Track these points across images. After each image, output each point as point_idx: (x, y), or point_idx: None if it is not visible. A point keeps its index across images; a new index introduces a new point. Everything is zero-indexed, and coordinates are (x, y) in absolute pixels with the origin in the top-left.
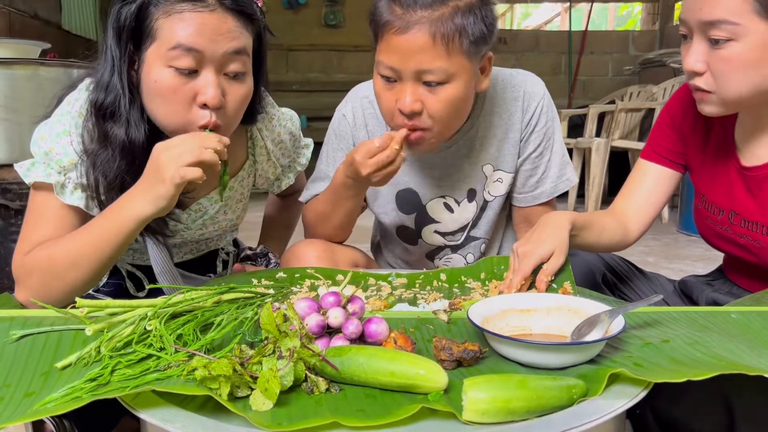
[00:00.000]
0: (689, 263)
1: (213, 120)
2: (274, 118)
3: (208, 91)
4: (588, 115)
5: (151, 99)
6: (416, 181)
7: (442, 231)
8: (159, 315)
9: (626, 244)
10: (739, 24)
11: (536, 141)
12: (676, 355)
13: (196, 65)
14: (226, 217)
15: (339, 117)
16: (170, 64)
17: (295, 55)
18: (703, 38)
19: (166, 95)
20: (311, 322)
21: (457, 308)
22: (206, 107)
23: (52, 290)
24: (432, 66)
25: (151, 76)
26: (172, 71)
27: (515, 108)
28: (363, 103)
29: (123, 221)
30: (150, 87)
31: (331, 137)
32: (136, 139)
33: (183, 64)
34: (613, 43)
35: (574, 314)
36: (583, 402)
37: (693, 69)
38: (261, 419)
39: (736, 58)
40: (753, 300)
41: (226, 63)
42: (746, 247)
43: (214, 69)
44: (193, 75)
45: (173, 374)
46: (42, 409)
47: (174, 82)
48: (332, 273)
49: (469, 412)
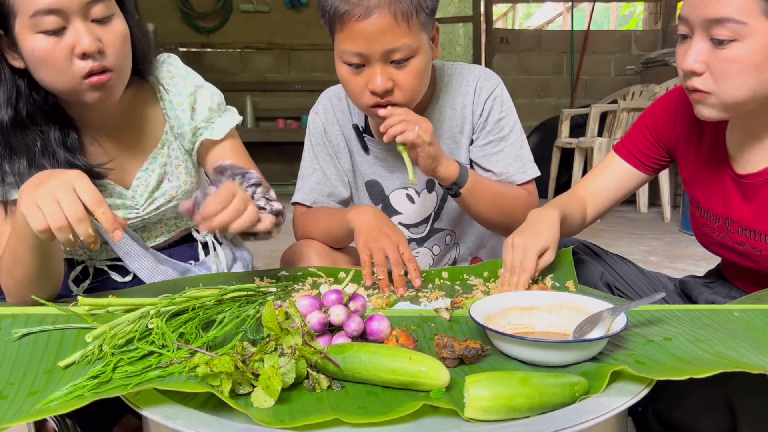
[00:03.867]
0: (692, 263)
1: (96, 64)
2: (176, 76)
3: (83, 40)
4: (590, 115)
5: (37, 69)
6: (378, 173)
7: (406, 223)
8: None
9: (582, 228)
10: (746, 23)
11: (487, 135)
12: (679, 352)
13: (62, 22)
14: (171, 184)
15: (312, 116)
16: (38, 30)
17: (297, 54)
18: (705, 37)
19: (46, 59)
20: (313, 319)
21: (459, 306)
22: (86, 56)
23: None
24: (398, 44)
25: (27, 47)
26: (42, 36)
27: (467, 101)
28: (332, 101)
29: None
30: (30, 58)
31: (308, 135)
32: (1, 122)
33: (49, 25)
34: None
35: (576, 312)
36: (585, 399)
37: (691, 69)
38: (263, 416)
39: (739, 60)
40: (755, 298)
41: (88, 10)
42: (745, 254)
43: (80, 19)
44: (62, 32)
45: (175, 371)
46: (45, 409)
47: (47, 44)
48: (334, 271)
49: (471, 409)
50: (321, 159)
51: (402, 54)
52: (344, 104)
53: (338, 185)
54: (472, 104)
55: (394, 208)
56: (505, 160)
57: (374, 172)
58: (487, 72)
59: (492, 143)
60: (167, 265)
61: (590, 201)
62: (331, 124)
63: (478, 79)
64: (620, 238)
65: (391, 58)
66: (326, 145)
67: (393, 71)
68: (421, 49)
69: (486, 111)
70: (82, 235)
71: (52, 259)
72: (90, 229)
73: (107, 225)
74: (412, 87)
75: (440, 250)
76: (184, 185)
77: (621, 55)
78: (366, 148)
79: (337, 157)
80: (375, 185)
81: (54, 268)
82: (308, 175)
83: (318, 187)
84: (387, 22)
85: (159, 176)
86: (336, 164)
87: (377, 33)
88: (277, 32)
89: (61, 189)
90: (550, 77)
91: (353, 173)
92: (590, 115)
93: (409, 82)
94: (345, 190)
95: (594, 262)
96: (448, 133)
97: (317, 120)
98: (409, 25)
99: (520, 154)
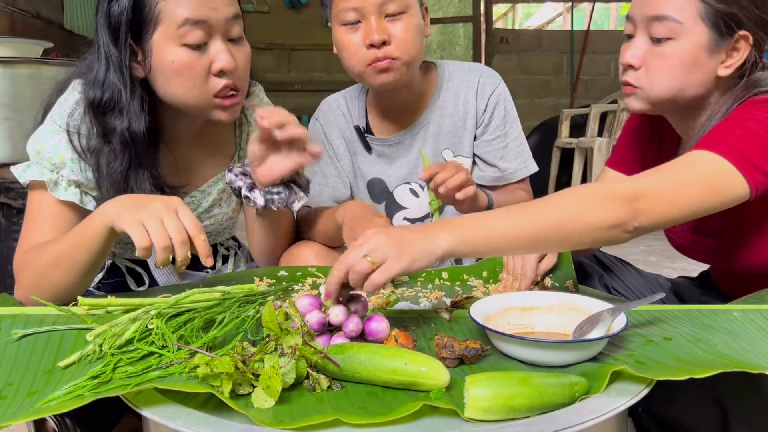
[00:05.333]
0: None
1: (231, 82)
2: (263, 102)
3: (222, 58)
4: (590, 115)
5: (170, 80)
6: (381, 170)
7: (411, 218)
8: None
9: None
10: (682, 23)
11: (493, 131)
12: (678, 353)
13: (205, 37)
14: (221, 210)
15: (312, 122)
16: (182, 42)
17: (297, 54)
18: (646, 35)
19: (184, 72)
20: (312, 319)
21: (459, 306)
22: (222, 74)
23: (39, 289)
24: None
25: (167, 58)
26: (185, 49)
27: (469, 96)
28: (331, 107)
29: (97, 228)
30: (167, 69)
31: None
32: (138, 131)
33: (194, 39)
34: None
35: (576, 312)
36: (585, 399)
37: (629, 62)
38: (263, 417)
39: (672, 57)
40: (755, 298)
41: (229, 29)
42: (702, 252)
43: (220, 37)
44: (203, 48)
45: (175, 372)
46: (44, 408)
47: (190, 58)
48: None
49: (471, 409)
50: (321, 162)
51: (396, 6)
52: (344, 108)
53: (338, 185)
54: (475, 100)
55: (399, 203)
56: (508, 157)
57: (377, 171)
58: (488, 69)
59: (498, 139)
60: (188, 279)
61: None
62: (331, 128)
63: (480, 75)
64: None
65: (386, 12)
66: (326, 147)
67: (388, 25)
68: (413, 9)
69: (491, 107)
70: (180, 257)
71: (95, 270)
72: (189, 252)
73: (204, 252)
74: (407, 40)
75: None
76: (232, 212)
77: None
78: (369, 148)
79: (338, 159)
80: (378, 183)
81: (85, 285)
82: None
83: (318, 188)
84: None
85: (213, 201)
86: (336, 165)
87: None
88: (277, 32)
89: (166, 211)
90: (550, 77)
91: (354, 175)
92: (590, 115)
93: (404, 35)
94: (346, 191)
95: (593, 264)
96: (450, 128)
97: (317, 125)
98: None
99: (521, 150)
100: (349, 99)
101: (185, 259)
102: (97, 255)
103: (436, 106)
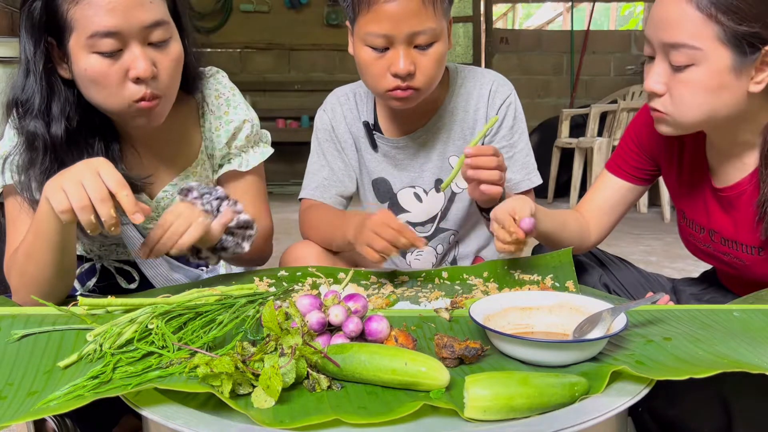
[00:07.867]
0: (691, 263)
1: (148, 92)
2: (222, 96)
3: (138, 65)
4: (590, 115)
5: (87, 87)
6: (387, 170)
7: (413, 221)
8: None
9: (585, 245)
10: (701, 49)
11: (501, 140)
12: (679, 353)
13: (119, 45)
14: None
15: (320, 114)
16: (93, 50)
17: (297, 54)
18: (665, 59)
19: (98, 80)
20: (312, 318)
21: (459, 306)
22: (140, 81)
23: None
24: (423, 27)
25: (80, 65)
26: (97, 56)
27: (480, 104)
28: (340, 100)
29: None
30: (82, 76)
31: (315, 133)
32: (56, 135)
33: (105, 47)
34: (615, 43)
35: (576, 312)
36: (585, 399)
37: (653, 90)
38: (263, 416)
39: (696, 83)
40: (755, 298)
41: (148, 34)
42: (730, 264)
43: (138, 42)
44: (118, 54)
45: (175, 372)
46: (44, 408)
47: (102, 65)
48: (334, 271)
49: (471, 409)
50: (328, 155)
51: (426, 38)
52: (352, 103)
53: (345, 180)
54: (486, 108)
55: (402, 206)
56: (513, 167)
57: (383, 170)
58: (500, 77)
59: (504, 149)
60: (180, 273)
61: (592, 219)
62: (339, 121)
63: (492, 83)
64: (620, 238)
65: (415, 42)
66: (334, 141)
67: (416, 55)
68: (442, 36)
69: (500, 117)
70: (104, 215)
71: (66, 259)
72: (112, 210)
73: (129, 207)
74: (432, 72)
75: (443, 249)
76: None
77: (621, 55)
78: (375, 146)
79: (345, 153)
80: (383, 183)
81: (66, 269)
82: (315, 171)
83: (325, 183)
84: (414, 4)
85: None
86: (344, 159)
87: (404, 15)
88: (277, 32)
89: (86, 172)
90: (550, 77)
91: (360, 171)
92: (590, 115)
93: (431, 67)
94: (352, 185)
95: (592, 264)
96: (459, 134)
97: (324, 117)
98: (435, 10)
99: (526, 162)
100: (359, 94)
101: (109, 218)
102: (58, 238)
103: (446, 111)
